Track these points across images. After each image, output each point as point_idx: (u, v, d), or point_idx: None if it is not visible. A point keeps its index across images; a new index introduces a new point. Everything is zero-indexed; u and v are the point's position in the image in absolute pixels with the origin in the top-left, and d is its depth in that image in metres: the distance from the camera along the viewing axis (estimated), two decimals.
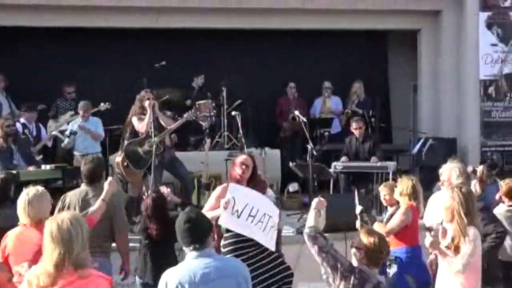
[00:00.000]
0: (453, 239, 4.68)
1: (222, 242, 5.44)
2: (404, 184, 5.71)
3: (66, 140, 9.22)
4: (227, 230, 5.39)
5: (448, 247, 4.68)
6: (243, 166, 5.56)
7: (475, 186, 7.15)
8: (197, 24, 10.90)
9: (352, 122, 9.72)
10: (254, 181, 5.61)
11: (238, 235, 5.28)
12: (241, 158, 5.68)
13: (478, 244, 4.64)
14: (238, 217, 5.18)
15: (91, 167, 5.66)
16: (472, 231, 4.62)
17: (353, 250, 4.02)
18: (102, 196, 5.27)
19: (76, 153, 9.32)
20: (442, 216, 4.89)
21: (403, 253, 5.53)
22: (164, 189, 5.96)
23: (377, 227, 5.65)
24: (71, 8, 10.38)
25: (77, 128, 9.30)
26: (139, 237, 5.79)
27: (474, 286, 4.70)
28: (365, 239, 3.96)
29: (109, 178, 5.50)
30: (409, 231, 5.59)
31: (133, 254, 5.85)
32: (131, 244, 5.92)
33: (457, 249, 4.63)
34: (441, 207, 4.92)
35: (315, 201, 4.41)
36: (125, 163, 8.10)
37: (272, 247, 5.26)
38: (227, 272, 3.73)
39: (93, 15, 10.54)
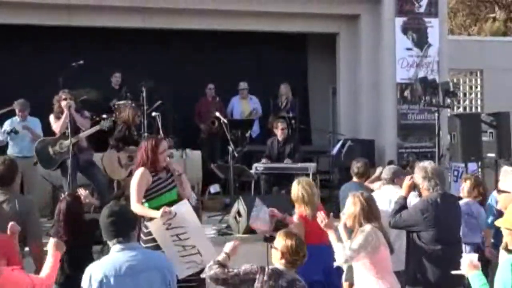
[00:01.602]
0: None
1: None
2: (293, 190, 5.81)
3: (3, 137, 8.67)
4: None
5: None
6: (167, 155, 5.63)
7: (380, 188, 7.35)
8: (114, 23, 10.68)
9: (278, 123, 9.80)
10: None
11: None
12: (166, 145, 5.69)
13: (371, 240, 4.63)
14: (167, 229, 5.19)
15: (2, 169, 5.34)
16: (367, 228, 4.66)
17: (273, 250, 4.09)
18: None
19: (12, 154, 8.47)
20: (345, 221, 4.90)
21: None
22: (82, 191, 5.81)
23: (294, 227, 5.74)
24: None
25: (20, 127, 8.66)
26: None
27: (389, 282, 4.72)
28: (283, 241, 4.02)
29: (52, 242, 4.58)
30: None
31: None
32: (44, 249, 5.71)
33: None
34: (344, 213, 4.95)
35: (228, 246, 4.29)
36: (35, 160, 8.04)
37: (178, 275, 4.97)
38: (153, 264, 3.76)
39: (4, 11, 10.15)
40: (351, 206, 4.82)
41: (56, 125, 7.97)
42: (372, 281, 4.71)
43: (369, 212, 4.76)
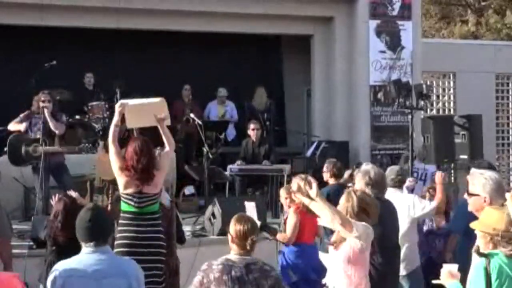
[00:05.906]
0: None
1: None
2: (294, 183, 5.81)
3: None
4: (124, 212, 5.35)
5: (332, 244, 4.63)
6: None
7: None
8: (88, 24, 10.58)
9: (250, 123, 9.79)
10: None
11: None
12: None
13: (363, 237, 4.46)
14: None
15: None
16: (360, 225, 4.50)
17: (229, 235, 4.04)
18: None
19: None
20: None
21: (288, 248, 5.80)
22: (73, 193, 5.78)
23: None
24: None
25: None
26: (28, 243, 5.55)
27: (360, 281, 4.58)
28: (233, 226, 3.97)
29: None
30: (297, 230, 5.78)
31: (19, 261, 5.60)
32: (17, 251, 5.66)
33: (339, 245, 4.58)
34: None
35: None
36: (5, 149, 7.97)
37: None
38: (120, 271, 3.71)
39: None
40: (344, 201, 4.66)
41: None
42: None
43: (359, 207, 4.68)
